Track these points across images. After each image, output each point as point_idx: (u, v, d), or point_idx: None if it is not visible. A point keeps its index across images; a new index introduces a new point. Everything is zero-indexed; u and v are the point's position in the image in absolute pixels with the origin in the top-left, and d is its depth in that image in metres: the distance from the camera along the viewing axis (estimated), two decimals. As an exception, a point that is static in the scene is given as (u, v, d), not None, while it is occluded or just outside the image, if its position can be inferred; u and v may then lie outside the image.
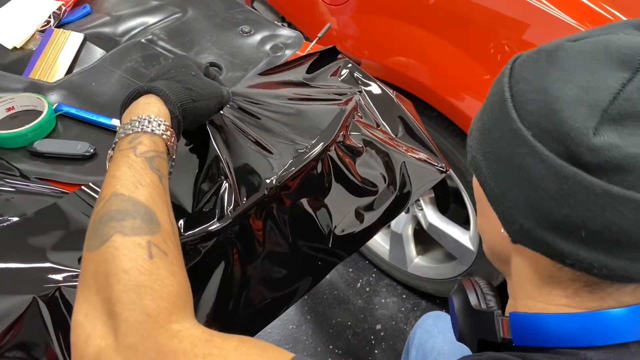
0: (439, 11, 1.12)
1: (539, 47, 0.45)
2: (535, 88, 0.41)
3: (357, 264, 1.69)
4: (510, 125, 0.42)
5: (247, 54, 0.89)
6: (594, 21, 0.94)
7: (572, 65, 0.40)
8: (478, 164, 0.46)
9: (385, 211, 0.83)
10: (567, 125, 0.38)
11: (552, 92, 0.40)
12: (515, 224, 0.43)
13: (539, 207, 0.40)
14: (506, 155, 0.43)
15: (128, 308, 0.41)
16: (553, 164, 0.39)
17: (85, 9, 0.98)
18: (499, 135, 0.44)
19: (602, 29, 0.43)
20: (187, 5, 0.98)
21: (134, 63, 0.86)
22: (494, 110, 0.45)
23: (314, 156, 0.74)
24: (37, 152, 0.72)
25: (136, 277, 0.43)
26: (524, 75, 0.44)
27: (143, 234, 0.45)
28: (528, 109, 0.41)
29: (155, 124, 0.53)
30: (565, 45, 0.42)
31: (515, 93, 0.43)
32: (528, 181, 0.40)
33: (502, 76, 0.47)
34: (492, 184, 0.44)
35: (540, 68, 0.42)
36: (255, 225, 0.71)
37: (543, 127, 0.40)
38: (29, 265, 0.59)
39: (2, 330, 0.53)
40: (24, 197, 0.65)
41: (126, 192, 0.48)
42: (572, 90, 0.39)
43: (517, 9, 1.01)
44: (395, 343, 1.51)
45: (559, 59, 0.41)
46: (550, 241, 0.40)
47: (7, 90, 0.80)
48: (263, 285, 0.75)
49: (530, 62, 0.44)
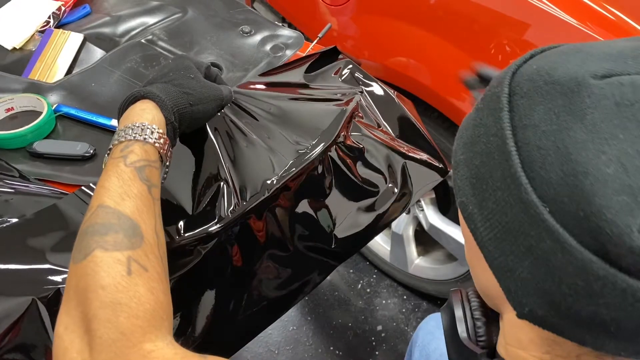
0: (439, 11, 1.12)
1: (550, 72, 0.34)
2: (553, 146, 0.31)
3: (358, 265, 1.69)
4: (519, 192, 0.33)
5: (247, 54, 0.89)
6: (594, 21, 0.94)
7: (604, 123, 0.30)
8: (472, 217, 0.37)
9: (386, 212, 0.82)
10: (602, 217, 0.29)
11: (578, 160, 0.30)
12: (524, 306, 0.35)
13: (558, 299, 0.32)
14: (514, 228, 0.34)
15: (103, 325, 0.42)
16: (580, 257, 0.30)
17: (85, 9, 0.98)
18: (503, 197, 0.34)
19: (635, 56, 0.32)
20: (187, 6, 0.97)
21: (134, 63, 0.86)
22: (491, 156, 0.36)
23: (314, 157, 0.74)
24: (37, 152, 0.71)
25: (113, 294, 0.43)
26: (532, 118, 0.33)
27: (124, 249, 0.45)
28: (544, 175, 0.32)
29: (148, 132, 0.53)
30: (590, 86, 0.31)
31: (522, 144, 0.33)
32: (544, 267, 0.32)
33: (497, 103, 0.36)
34: (494, 252, 0.36)
35: (555, 114, 0.32)
36: (256, 226, 0.70)
37: (567, 208, 0.31)
38: (28, 266, 0.58)
39: (1, 331, 0.53)
40: (24, 198, 0.65)
41: (112, 204, 0.48)
42: (607, 165, 0.29)
43: (517, 8, 1.01)
44: (396, 344, 1.51)
45: (583, 109, 0.31)
46: (568, 329, 0.34)
47: (6, 90, 0.80)
48: (264, 286, 0.74)
49: (538, 97, 0.34)
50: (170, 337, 0.45)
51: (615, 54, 0.33)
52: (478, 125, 0.38)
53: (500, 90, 0.36)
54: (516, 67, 0.37)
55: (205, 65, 0.66)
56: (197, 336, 0.68)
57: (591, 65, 0.33)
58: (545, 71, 0.34)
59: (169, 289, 0.48)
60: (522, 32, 1.01)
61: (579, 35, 0.94)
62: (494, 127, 0.35)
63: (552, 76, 0.33)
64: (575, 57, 0.34)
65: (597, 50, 0.34)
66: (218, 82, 0.69)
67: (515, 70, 0.37)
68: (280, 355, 1.47)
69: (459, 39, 1.10)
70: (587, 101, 0.31)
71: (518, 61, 0.38)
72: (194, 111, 0.60)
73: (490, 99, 0.37)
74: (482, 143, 0.37)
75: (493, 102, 0.37)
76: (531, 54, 0.38)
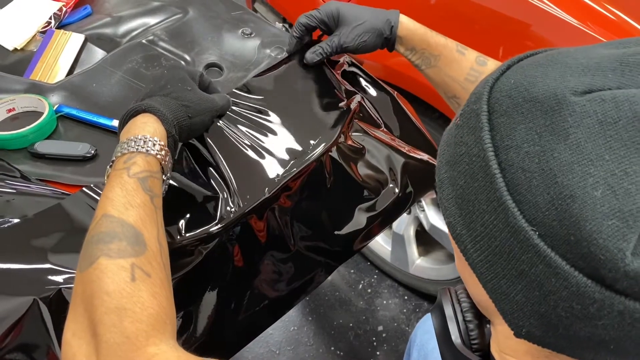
0: (440, 11, 1.12)
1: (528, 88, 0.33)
2: (538, 168, 0.31)
3: (359, 266, 1.69)
4: (507, 216, 0.32)
5: (248, 55, 0.89)
6: (595, 21, 0.94)
7: (588, 144, 0.29)
8: (461, 238, 0.36)
9: (386, 212, 0.82)
10: (593, 242, 0.28)
11: (564, 183, 0.29)
12: (521, 327, 0.34)
13: (555, 321, 0.32)
14: (505, 252, 0.33)
15: (109, 330, 0.43)
16: (574, 282, 0.30)
17: (86, 10, 0.98)
18: (490, 220, 0.34)
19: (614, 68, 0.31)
20: (188, 6, 0.98)
21: (135, 64, 0.86)
22: (475, 177, 0.35)
23: (315, 157, 0.74)
24: (38, 153, 0.71)
25: (118, 299, 0.44)
26: (514, 138, 0.32)
27: (128, 257, 0.47)
28: (531, 199, 0.31)
29: (150, 144, 0.54)
30: (570, 103, 0.30)
31: (505, 166, 0.32)
32: (538, 291, 0.32)
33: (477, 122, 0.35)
34: (487, 274, 0.35)
35: (537, 135, 0.31)
36: (257, 226, 0.70)
37: (557, 232, 0.30)
38: (30, 266, 0.58)
39: (3, 331, 0.53)
40: (25, 198, 0.65)
41: (116, 214, 0.49)
42: (595, 188, 0.28)
43: (518, 8, 1.01)
44: (397, 344, 1.51)
45: (566, 128, 0.30)
46: (567, 347, 0.33)
47: (7, 91, 0.80)
48: (265, 286, 0.74)
49: (518, 116, 0.33)
50: (173, 340, 0.46)
51: (594, 66, 0.32)
52: (459, 143, 0.37)
53: (479, 107, 0.35)
54: (493, 81, 0.36)
55: (198, 73, 0.67)
56: (199, 336, 0.68)
57: (570, 80, 0.32)
58: (524, 87, 0.33)
59: (172, 295, 0.50)
60: (523, 32, 1.01)
61: (580, 35, 0.94)
62: (476, 147, 0.35)
63: (530, 93, 0.33)
64: (553, 71, 0.33)
65: (574, 62, 0.33)
66: (211, 89, 0.70)
67: (492, 84, 0.36)
68: (281, 355, 1.47)
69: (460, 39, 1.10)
70: (570, 120, 0.30)
71: (494, 74, 0.37)
72: (192, 123, 0.62)
73: (469, 117, 0.36)
74: (464, 163, 0.36)
75: (472, 119, 0.36)
76: (507, 65, 0.37)
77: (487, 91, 0.36)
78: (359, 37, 0.77)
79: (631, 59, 0.31)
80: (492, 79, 0.36)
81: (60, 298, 0.57)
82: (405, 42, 0.79)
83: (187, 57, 0.88)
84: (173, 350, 0.44)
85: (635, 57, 0.31)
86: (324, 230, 0.78)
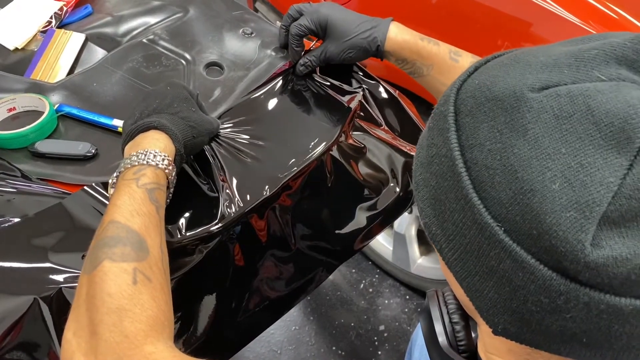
0: (441, 11, 1.12)
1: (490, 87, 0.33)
2: (500, 165, 0.31)
3: (360, 265, 1.69)
4: (473, 214, 0.33)
5: (248, 54, 0.89)
6: (598, 20, 0.94)
7: (546, 138, 0.30)
8: (436, 237, 0.37)
9: (387, 211, 0.82)
10: (553, 235, 0.29)
11: (524, 178, 0.30)
12: (497, 324, 0.35)
13: (527, 316, 0.32)
14: (475, 249, 0.34)
15: (109, 329, 0.45)
16: (540, 275, 0.31)
17: (86, 9, 0.98)
18: (460, 219, 0.34)
19: (570, 64, 0.32)
20: (189, 6, 0.97)
21: (136, 63, 0.86)
22: (445, 177, 0.35)
23: (316, 155, 0.74)
24: (39, 152, 0.71)
25: (118, 300, 0.46)
26: (477, 137, 0.33)
27: (130, 261, 0.49)
28: (495, 195, 0.32)
29: (160, 158, 0.57)
30: (528, 100, 0.31)
31: (471, 164, 0.33)
32: (508, 287, 0.32)
33: (444, 123, 0.36)
34: (461, 273, 0.36)
35: (499, 132, 0.32)
36: (258, 225, 0.70)
37: (521, 227, 0.31)
38: (30, 265, 0.59)
39: (3, 330, 0.53)
40: (26, 197, 0.65)
41: (122, 220, 0.51)
42: (553, 181, 0.29)
43: (520, 7, 1.01)
44: (399, 344, 1.51)
45: (524, 124, 0.31)
46: (543, 343, 0.33)
47: (8, 90, 0.80)
48: (265, 285, 0.74)
49: (481, 115, 0.33)
50: (170, 342, 0.48)
51: (552, 63, 0.32)
52: (430, 145, 0.37)
53: (447, 109, 0.36)
54: (460, 83, 0.37)
55: (195, 94, 0.70)
56: (199, 335, 0.68)
57: (529, 78, 0.32)
58: (486, 87, 0.34)
59: (170, 299, 0.51)
60: (524, 31, 1.00)
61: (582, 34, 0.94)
62: (444, 147, 0.35)
63: (492, 92, 0.33)
64: (514, 69, 0.34)
65: (535, 60, 0.34)
66: (204, 110, 0.72)
67: (459, 86, 0.37)
68: (282, 355, 1.47)
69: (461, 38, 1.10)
70: (528, 116, 0.31)
71: (462, 75, 0.37)
72: (195, 142, 0.66)
73: (438, 118, 0.37)
74: (435, 164, 0.36)
75: (441, 121, 0.36)
76: (475, 66, 0.38)
77: (454, 93, 0.36)
78: (344, 52, 0.79)
79: (586, 54, 0.32)
80: (460, 80, 0.37)
81: (61, 297, 0.57)
82: (395, 55, 0.79)
83: (187, 56, 0.88)
84: (169, 350, 0.45)
85: (589, 52, 0.32)
86: (324, 229, 0.78)
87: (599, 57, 0.31)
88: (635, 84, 0.30)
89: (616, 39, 0.32)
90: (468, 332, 0.47)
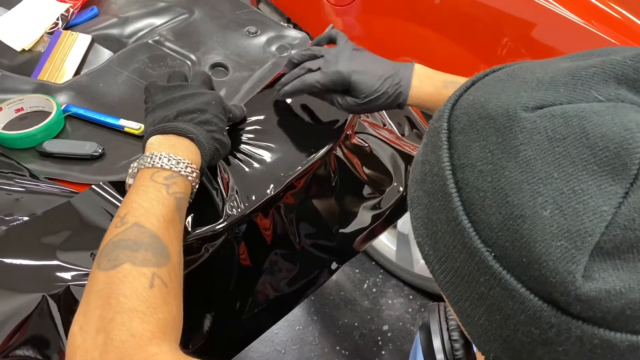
0: (444, 11, 1.12)
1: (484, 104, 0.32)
2: (490, 187, 0.30)
3: (364, 265, 1.69)
4: (463, 237, 0.31)
5: (253, 54, 0.90)
6: (601, 20, 0.94)
7: (538, 161, 0.28)
8: (429, 258, 0.36)
9: (391, 210, 0.83)
10: (543, 265, 0.28)
11: (515, 203, 0.29)
12: (489, 352, 0.33)
13: (518, 346, 0.31)
14: (465, 274, 0.32)
15: (117, 327, 0.45)
16: (531, 305, 0.29)
17: (92, 10, 0.98)
18: (450, 241, 0.33)
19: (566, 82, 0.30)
20: (194, 7, 0.98)
21: (141, 64, 0.87)
22: (437, 196, 0.34)
23: (320, 155, 0.75)
24: (46, 152, 0.72)
25: (133, 302, 0.47)
26: (469, 156, 0.32)
27: (150, 266, 0.49)
28: (485, 219, 0.30)
29: (190, 170, 0.58)
30: (521, 120, 0.30)
31: (462, 185, 0.32)
32: (499, 315, 0.31)
33: (437, 140, 0.34)
34: (453, 296, 0.34)
35: (490, 152, 0.30)
36: (263, 224, 0.71)
37: (511, 254, 0.29)
38: (39, 263, 0.59)
39: (12, 327, 0.54)
40: (34, 196, 0.66)
41: (148, 225, 0.52)
42: (544, 207, 0.28)
43: (523, 7, 1.01)
44: (403, 344, 1.51)
45: (516, 145, 0.29)
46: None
47: (16, 91, 0.81)
48: (270, 284, 0.75)
49: (474, 133, 0.32)
50: (176, 344, 0.48)
51: (548, 81, 0.31)
52: (424, 162, 0.36)
53: (440, 125, 0.35)
54: (456, 98, 0.35)
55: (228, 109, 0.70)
56: (203, 334, 0.69)
57: (523, 96, 0.31)
58: (480, 104, 0.32)
59: (182, 305, 0.52)
60: (527, 32, 1.01)
61: (585, 34, 0.94)
62: (436, 165, 0.34)
63: (485, 109, 0.32)
64: (509, 86, 0.32)
65: (532, 76, 0.32)
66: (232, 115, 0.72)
67: (454, 101, 0.35)
68: (286, 354, 1.48)
69: (464, 39, 1.10)
70: (520, 137, 0.29)
71: (459, 90, 0.36)
72: (212, 162, 0.67)
73: (432, 134, 0.36)
74: (428, 182, 0.35)
75: (434, 137, 0.35)
76: (472, 81, 0.36)
77: (449, 109, 0.35)
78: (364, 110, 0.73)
79: (584, 72, 0.30)
80: (455, 96, 0.36)
81: (69, 295, 0.57)
82: (419, 106, 0.74)
83: (192, 57, 0.89)
84: (173, 352, 0.46)
85: (587, 70, 0.30)
86: (328, 228, 0.78)
87: (598, 75, 0.30)
88: (634, 106, 0.29)
89: (616, 57, 0.30)
90: (468, 349, 0.46)
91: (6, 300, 0.55)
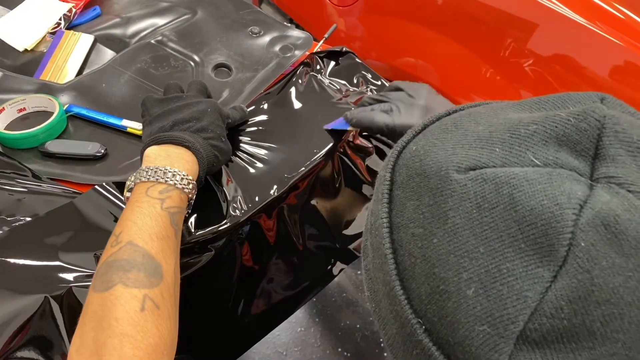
0: (447, 12, 1.12)
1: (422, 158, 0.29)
2: (420, 254, 0.27)
3: (366, 266, 1.69)
4: (395, 304, 0.29)
5: (256, 54, 0.89)
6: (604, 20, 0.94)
7: (465, 231, 0.26)
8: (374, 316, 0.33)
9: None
10: (466, 349, 0.25)
11: (441, 276, 0.26)
12: None
13: None
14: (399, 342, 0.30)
15: (109, 352, 0.45)
16: None
17: (95, 11, 0.98)
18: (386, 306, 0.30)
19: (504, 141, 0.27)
20: (196, 7, 0.98)
21: (144, 64, 0.87)
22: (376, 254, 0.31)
23: (323, 156, 0.74)
24: (49, 152, 0.72)
25: (123, 326, 0.46)
26: (403, 216, 0.29)
27: (142, 287, 0.49)
28: (415, 288, 0.28)
29: (186, 182, 0.57)
30: (452, 182, 0.27)
31: (397, 246, 0.29)
32: None
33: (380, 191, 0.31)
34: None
35: (422, 215, 0.28)
36: (266, 225, 0.70)
37: (438, 329, 0.27)
38: (41, 264, 0.59)
39: (15, 328, 0.53)
40: (36, 197, 0.65)
41: (141, 243, 0.51)
42: (468, 286, 0.25)
43: (525, 8, 1.00)
44: (404, 346, 1.51)
45: (445, 211, 0.27)
46: None
47: (18, 91, 0.80)
48: (272, 285, 0.74)
49: (409, 191, 0.29)
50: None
51: (487, 137, 0.28)
52: (372, 212, 0.33)
53: (384, 175, 0.32)
54: (403, 145, 0.32)
55: (226, 115, 0.70)
56: (205, 336, 0.68)
57: (458, 153, 0.28)
58: (419, 157, 0.29)
59: (176, 327, 0.52)
60: (530, 32, 1.00)
61: (588, 34, 0.94)
62: (378, 219, 0.31)
63: (422, 165, 0.29)
64: (450, 139, 0.29)
65: (474, 129, 0.29)
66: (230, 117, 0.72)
67: (401, 149, 0.32)
68: (288, 356, 1.47)
69: (467, 40, 1.10)
70: (449, 202, 0.27)
71: (408, 135, 0.33)
72: (212, 169, 0.66)
73: (378, 183, 0.32)
74: (373, 235, 0.32)
75: (379, 187, 0.32)
76: (424, 125, 0.33)
77: (394, 157, 0.32)
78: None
79: (522, 130, 0.27)
80: (403, 142, 0.32)
81: (71, 296, 0.57)
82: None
83: (196, 57, 0.88)
84: None
85: (527, 127, 0.27)
86: (332, 229, 0.78)
87: (537, 134, 0.26)
88: (573, 172, 0.25)
89: (561, 113, 0.27)
90: None
91: (8, 302, 0.55)
